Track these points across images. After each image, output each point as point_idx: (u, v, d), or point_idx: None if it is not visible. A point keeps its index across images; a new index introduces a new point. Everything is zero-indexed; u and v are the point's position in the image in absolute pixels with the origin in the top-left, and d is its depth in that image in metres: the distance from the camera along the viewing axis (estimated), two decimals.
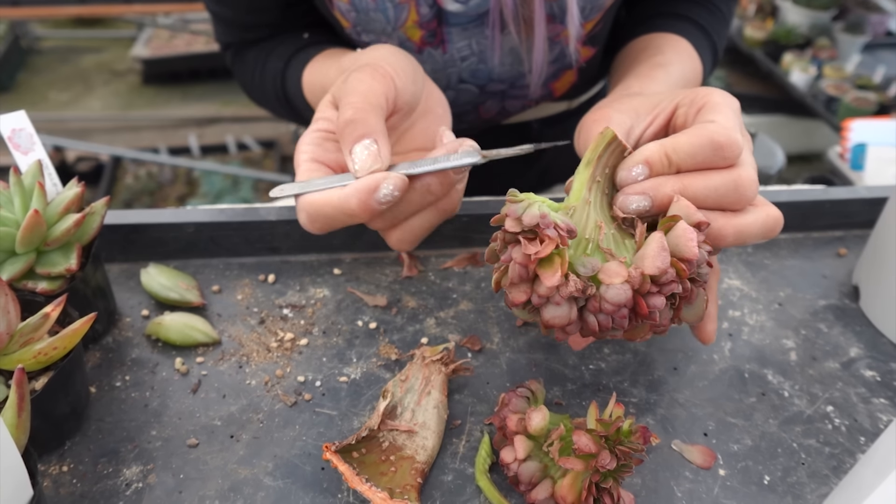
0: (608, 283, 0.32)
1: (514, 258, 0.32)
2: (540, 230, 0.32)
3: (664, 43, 0.56)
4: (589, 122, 0.43)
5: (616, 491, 0.35)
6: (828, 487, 0.39)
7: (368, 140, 0.38)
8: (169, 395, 0.42)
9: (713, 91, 0.42)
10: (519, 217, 0.32)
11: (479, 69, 0.57)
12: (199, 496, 0.37)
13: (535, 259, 0.32)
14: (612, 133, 0.36)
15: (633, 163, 0.38)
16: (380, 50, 0.45)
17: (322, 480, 0.38)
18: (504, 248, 0.34)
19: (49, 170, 0.42)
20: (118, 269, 0.50)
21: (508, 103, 0.62)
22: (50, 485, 0.37)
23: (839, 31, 2.53)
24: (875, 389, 0.44)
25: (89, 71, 3.10)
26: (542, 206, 0.33)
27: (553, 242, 0.32)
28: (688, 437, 0.41)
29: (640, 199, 0.37)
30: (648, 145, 0.38)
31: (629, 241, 0.36)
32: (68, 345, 0.35)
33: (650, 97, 0.45)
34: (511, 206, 0.33)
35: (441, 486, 0.38)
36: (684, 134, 0.38)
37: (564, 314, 0.33)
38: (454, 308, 0.49)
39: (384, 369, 0.44)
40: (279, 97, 0.60)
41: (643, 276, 0.32)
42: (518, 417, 0.37)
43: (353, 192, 0.37)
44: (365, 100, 0.39)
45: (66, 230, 0.39)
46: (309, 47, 0.58)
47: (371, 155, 0.38)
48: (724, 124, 0.38)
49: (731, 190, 0.37)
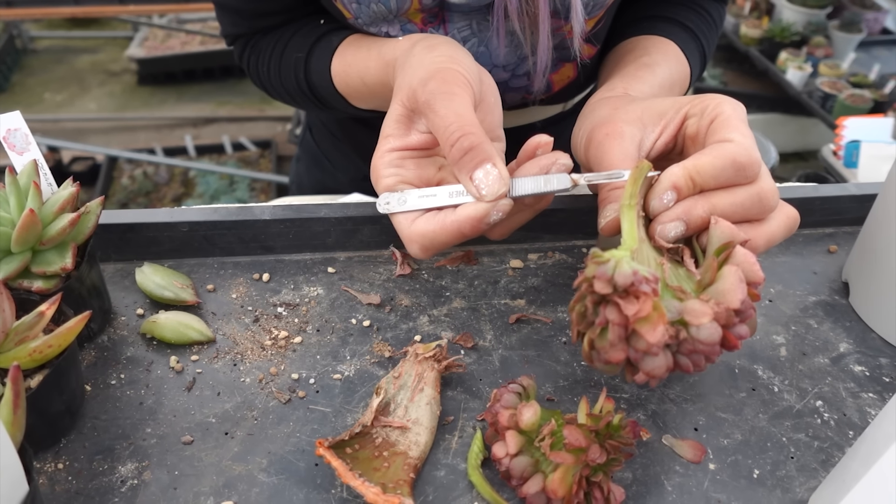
0: (697, 324, 0.32)
1: (610, 320, 0.32)
2: (634, 288, 0.32)
3: (651, 45, 0.57)
4: (601, 136, 0.44)
5: (606, 485, 0.35)
6: (816, 481, 0.39)
7: (489, 165, 0.39)
8: (164, 392, 0.42)
9: (722, 101, 0.42)
10: (610, 277, 0.32)
11: (482, 53, 0.57)
12: (193, 492, 0.37)
13: (636, 319, 0.31)
14: (649, 166, 0.37)
15: (663, 190, 0.38)
16: (437, 46, 0.44)
17: (316, 476, 0.38)
18: (595, 310, 0.33)
19: (44, 170, 0.42)
20: (113, 269, 0.51)
21: (508, 96, 0.62)
22: (46, 482, 0.37)
23: (834, 28, 2.54)
24: (864, 384, 0.45)
25: (84, 71, 3.10)
26: (629, 262, 0.32)
27: (649, 298, 0.31)
28: (678, 432, 0.42)
29: (676, 226, 0.38)
30: (672, 170, 0.39)
31: (681, 270, 0.37)
32: (63, 343, 0.35)
33: (653, 105, 0.45)
34: (598, 267, 0.32)
35: (434, 482, 0.38)
36: (706, 155, 0.39)
37: (663, 363, 0.33)
38: (447, 306, 0.49)
39: (378, 366, 0.45)
40: (301, 87, 0.59)
41: (728, 311, 0.33)
42: (509, 413, 0.37)
43: (466, 220, 0.39)
44: (466, 121, 0.40)
45: (62, 229, 0.39)
46: (330, 34, 0.57)
47: (496, 180, 0.39)
48: (743, 143, 0.39)
49: (755, 203, 0.39)
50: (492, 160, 0.39)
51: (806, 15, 2.59)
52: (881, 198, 0.48)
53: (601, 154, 0.43)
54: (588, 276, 0.33)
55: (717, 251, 0.36)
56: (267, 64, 0.61)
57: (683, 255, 0.37)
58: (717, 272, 0.35)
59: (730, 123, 0.40)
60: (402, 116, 0.43)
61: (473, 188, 0.40)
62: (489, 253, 0.54)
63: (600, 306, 0.33)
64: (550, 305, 0.49)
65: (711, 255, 0.36)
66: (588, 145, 0.45)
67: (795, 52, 2.49)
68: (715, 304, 0.33)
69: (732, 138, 0.39)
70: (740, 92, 2.67)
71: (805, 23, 2.59)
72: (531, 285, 0.51)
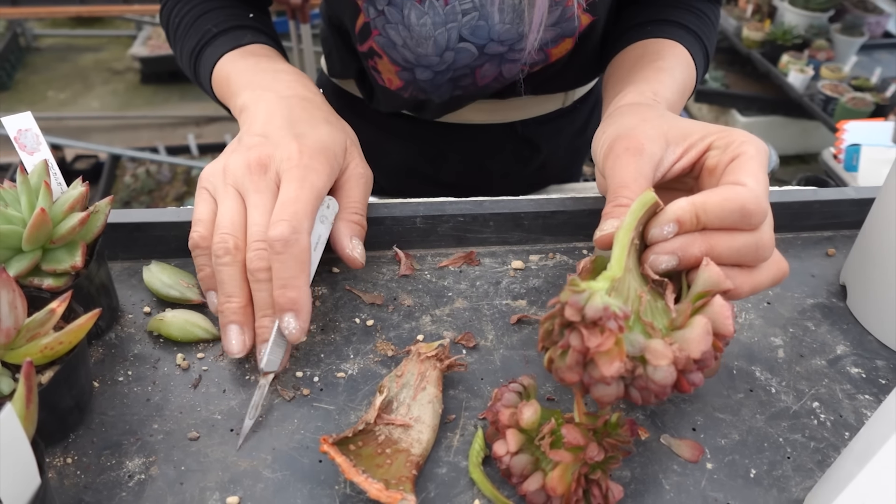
0: (655, 364, 0.33)
1: (572, 345, 0.33)
2: (601, 322, 0.33)
3: (662, 48, 0.57)
4: (620, 149, 0.44)
5: (605, 482, 0.36)
6: (812, 481, 0.40)
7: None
8: (170, 389, 0.43)
9: (748, 140, 0.43)
10: (581, 308, 0.33)
11: (480, 27, 0.57)
12: (199, 487, 0.38)
13: (596, 351, 0.33)
14: (655, 199, 0.38)
15: (665, 221, 0.39)
16: (295, 125, 0.47)
17: (320, 472, 0.39)
18: (561, 332, 0.34)
19: (54, 169, 0.43)
20: (120, 267, 0.51)
21: (506, 68, 0.62)
22: (55, 476, 0.38)
23: (836, 31, 2.54)
24: (860, 386, 0.46)
25: (88, 70, 3.11)
26: (603, 297, 0.33)
27: (613, 335, 0.33)
28: (676, 431, 0.42)
29: (669, 259, 0.38)
30: (679, 203, 0.39)
31: (660, 303, 0.37)
32: (73, 339, 0.36)
33: (680, 124, 0.45)
34: (573, 295, 0.33)
35: (435, 479, 0.39)
36: (716, 195, 0.39)
37: (613, 392, 0.34)
38: (449, 306, 0.50)
39: (381, 365, 0.45)
40: (190, 58, 0.59)
41: (688, 359, 0.34)
42: (510, 412, 0.38)
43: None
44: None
45: (72, 228, 0.40)
46: (244, 31, 0.57)
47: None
48: (755, 190, 0.39)
49: (751, 251, 0.39)
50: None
51: (808, 18, 2.59)
52: (879, 202, 0.49)
53: (617, 168, 0.43)
54: (561, 300, 0.34)
55: (695, 297, 0.37)
56: (181, 16, 0.61)
57: (666, 289, 0.38)
58: (688, 319, 0.35)
59: (748, 166, 0.41)
60: (337, 157, 0.48)
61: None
62: (491, 254, 0.54)
63: (566, 329, 0.34)
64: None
65: (688, 300, 0.37)
66: (608, 154, 0.45)
67: (797, 55, 2.49)
68: (678, 349, 0.34)
69: (746, 182, 0.39)
70: (742, 94, 2.68)
71: (807, 26, 2.60)
72: (532, 286, 0.52)
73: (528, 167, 0.81)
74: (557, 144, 0.81)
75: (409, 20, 0.57)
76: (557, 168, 0.86)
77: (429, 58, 0.60)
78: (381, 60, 0.62)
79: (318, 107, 0.51)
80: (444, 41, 0.58)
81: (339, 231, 0.48)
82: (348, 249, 0.47)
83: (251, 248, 0.42)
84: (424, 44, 0.58)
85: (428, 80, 0.63)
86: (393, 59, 0.61)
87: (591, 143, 0.88)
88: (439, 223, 0.53)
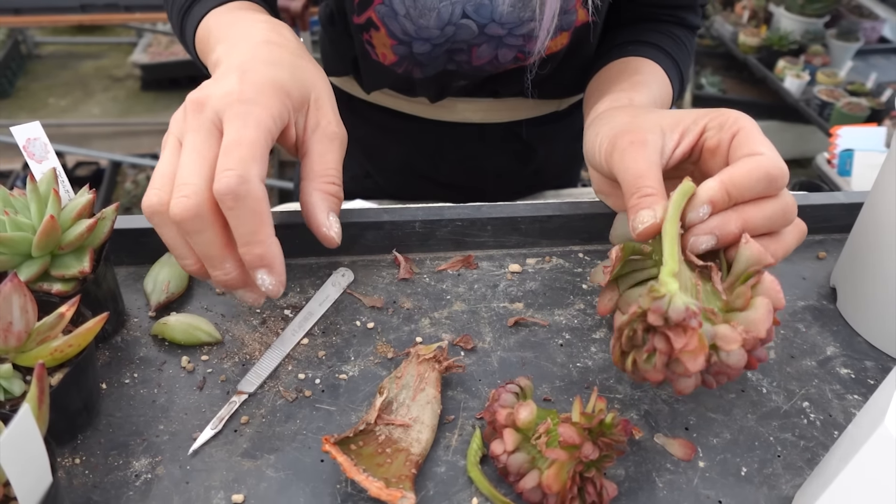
0: (728, 350, 0.35)
1: (658, 348, 0.35)
2: (684, 323, 0.35)
3: (640, 65, 0.60)
4: (625, 144, 0.45)
5: (599, 480, 0.37)
6: (802, 478, 0.41)
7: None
8: (175, 391, 0.44)
9: (739, 116, 0.44)
10: (664, 312, 0.35)
11: (484, 5, 0.58)
12: (204, 486, 0.39)
13: (682, 351, 0.35)
14: (693, 187, 0.39)
15: (700, 203, 0.40)
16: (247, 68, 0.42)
17: (321, 472, 0.40)
18: (644, 336, 0.36)
19: (62, 177, 0.44)
20: (126, 272, 0.52)
21: (502, 52, 0.63)
22: (64, 476, 0.39)
23: (832, 37, 2.56)
24: (849, 386, 0.47)
25: (88, 77, 3.12)
26: (682, 298, 0.35)
27: (695, 332, 0.35)
28: (670, 431, 0.43)
29: (708, 240, 0.40)
30: (709, 184, 0.40)
31: (709, 286, 0.39)
32: (82, 342, 0.37)
33: (670, 114, 0.47)
34: (655, 301, 0.35)
35: (434, 477, 0.40)
36: (740, 168, 0.40)
37: (693, 383, 0.36)
38: (448, 309, 0.51)
39: (381, 367, 0.46)
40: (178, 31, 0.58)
41: (755, 339, 0.36)
42: (507, 412, 0.39)
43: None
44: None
45: (80, 235, 0.41)
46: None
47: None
48: (772, 156, 0.41)
49: (780, 216, 0.41)
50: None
51: (804, 24, 2.61)
52: (867, 206, 0.50)
53: (626, 161, 0.44)
54: (642, 307, 0.36)
55: (745, 276, 0.38)
56: None
57: (712, 272, 0.39)
58: (749, 300, 0.37)
59: (754, 137, 0.42)
60: (303, 99, 0.43)
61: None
62: (489, 258, 0.55)
63: (649, 334, 0.36)
64: (548, 309, 0.51)
65: (740, 280, 0.39)
66: (612, 151, 0.46)
67: (793, 61, 2.51)
68: (744, 330, 0.36)
69: (762, 151, 0.41)
70: (739, 99, 2.69)
71: (803, 31, 2.62)
72: (529, 289, 0.53)
73: (524, 168, 0.83)
74: (554, 147, 0.82)
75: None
76: (554, 171, 0.87)
77: (429, 30, 0.60)
78: (378, 33, 0.63)
79: (289, 50, 0.46)
80: (447, 14, 0.59)
81: (312, 204, 0.42)
82: (325, 228, 0.43)
83: (173, 196, 0.37)
84: (427, 15, 0.59)
85: (424, 53, 0.63)
86: (391, 30, 0.62)
87: None
88: (438, 227, 0.54)
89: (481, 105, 0.74)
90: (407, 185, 0.83)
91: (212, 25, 0.52)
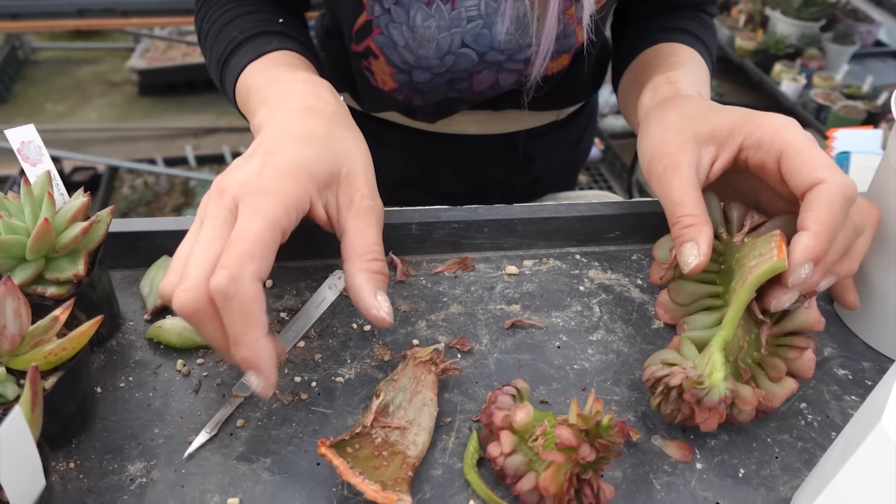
0: (741, 408, 0.40)
1: (682, 412, 0.40)
2: (714, 408, 0.39)
3: (674, 49, 0.60)
4: (660, 170, 0.45)
5: (596, 482, 0.37)
6: (799, 480, 0.41)
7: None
8: (171, 394, 0.44)
9: (779, 129, 0.43)
10: (699, 399, 0.39)
11: (483, 34, 0.58)
12: (199, 490, 0.39)
13: (701, 422, 0.40)
14: (785, 266, 0.40)
15: (799, 264, 0.40)
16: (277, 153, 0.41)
17: (317, 475, 0.40)
18: (678, 399, 0.40)
19: (57, 181, 0.44)
20: (121, 276, 0.52)
21: (503, 77, 0.63)
22: (58, 480, 0.39)
23: (828, 41, 2.57)
24: (847, 387, 0.47)
25: (86, 82, 3.12)
26: (719, 391, 0.39)
27: (717, 413, 0.40)
28: (667, 433, 0.43)
29: (792, 297, 0.41)
30: (804, 242, 0.40)
31: (754, 333, 0.43)
32: (77, 346, 0.37)
33: (705, 122, 0.46)
34: (694, 388, 0.39)
35: (431, 480, 0.40)
36: (819, 210, 0.40)
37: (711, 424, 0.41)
38: (444, 311, 0.51)
39: (377, 370, 0.46)
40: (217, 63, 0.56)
41: (768, 407, 0.41)
42: (504, 414, 0.39)
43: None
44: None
45: (74, 238, 0.41)
46: (272, 37, 0.54)
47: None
48: (834, 175, 0.40)
49: (852, 237, 0.42)
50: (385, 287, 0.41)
51: (800, 27, 2.62)
52: None
53: (663, 189, 0.45)
54: (685, 388, 0.39)
55: (791, 345, 0.43)
56: (211, 22, 0.58)
57: (763, 326, 0.43)
58: (782, 377, 0.42)
59: (806, 157, 0.41)
60: (332, 176, 0.42)
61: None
62: (485, 260, 0.55)
63: (679, 399, 0.40)
64: (545, 311, 0.51)
65: (785, 345, 0.43)
66: (650, 177, 0.47)
67: (790, 64, 2.52)
68: (763, 396, 0.41)
69: (824, 177, 0.40)
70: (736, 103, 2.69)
71: (799, 35, 2.63)
72: (526, 291, 0.53)
73: (522, 178, 0.82)
74: (552, 157, 0.82)
75: (414, 21, 0.57)
76: (552, 179, 0.87)
77: (429, 60, 0.60)
78: (377, 61, 0.63)
79: (325, 117, 0.45)
80: (446, 45, 0.59)
81: (358, 286, 0.40)
82: (374, 310, 0.40)
83: (178, 286, 0.37)
84: (427, 46, 0.59)
85: (425, 82, 0.63)
86: (391, 59, 0.62)
87: (585, 155, 0.90)
88: (434, 230, 0.54)
89: (479, 117, 0.74)
90: (404, 196, 0.82)
91: (251, 84, 0.51)
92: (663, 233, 0.48)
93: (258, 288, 0.36)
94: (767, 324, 0.43)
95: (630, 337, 0.49)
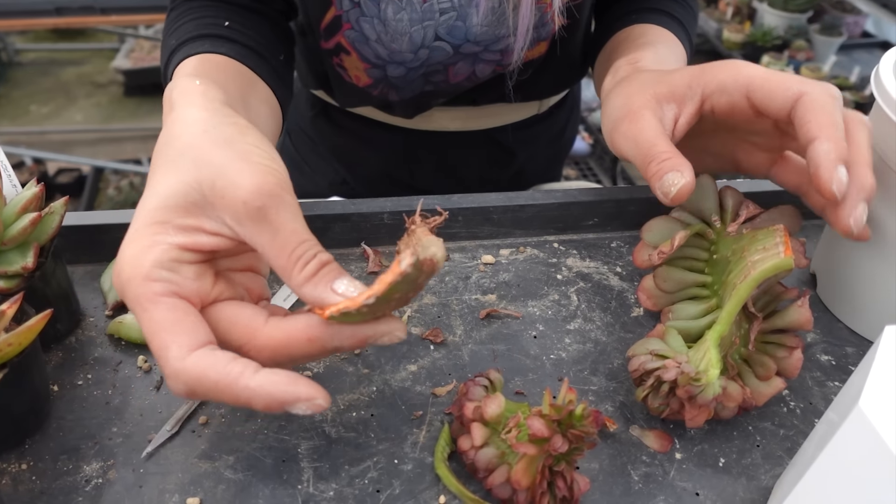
0: (726, 405, 0.40)
1: (671, 406, 0.39)
2: (704, 406, 0.38)
3: (645, 30, 0.58)
4: (623, 127, 0.44)
5: (570, 474, 0.35)
6: (781, 468, 0.40)
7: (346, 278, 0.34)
8: (131, 392, 0.42)
9: (740, 65, 0.42)
10: (693, 396, 0.38)
11: (457, 27, 0.57)
12: (158, 490, 0.37)
13: (688, 416, 0.39)
14: (792, 264, 0.40)
15: (831, 171, 0.37)
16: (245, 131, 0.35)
17: (282, 472, 0.38)
18: (668, 393, 0.39)
19: (8, 171, 0.42)
20: (83, 271, 0.50)
21: (479, 68, 0.62)
22: (9, 482, 0.37)
23: (815, 32, 2.57)
24: (830, 373, 0.45)
25: (70, 83, 3.09)
26: (714, 389, 0.38)
27: (706, 410, 0.39)
28: (646, 423, 0.42)
29: (864, 209, 0.39)
30: (823, 148, 0.38)
31: (745, 327, 0.42)
32: (23, 341, 0.35)
33: (662, 81, 0.45)
34: (691, 384, 0.38)
35: (401, 475, 0.38)
36: (816, 113, 0.38)
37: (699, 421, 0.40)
38: (418, 302, 0.49)
39: (347, 363, 0.45)
40: (164, 57, 0.51)
41: (752, 405, 0.41)
42: (474, 405, 0.37)
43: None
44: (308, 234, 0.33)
45: (23, 229, 0.39)
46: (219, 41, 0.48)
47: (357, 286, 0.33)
48: (809, 85, 0.39)
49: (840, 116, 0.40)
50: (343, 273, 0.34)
51: (787, 19, 2.62)
52: None
53: (630, 137, 0.43)
54: (680, 384, 0.38)
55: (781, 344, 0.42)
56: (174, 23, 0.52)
57: (754, 322, 0.42)
58: (770, 376, 0.41)
59: (774, 79, 0.40)
60: (192, 204, 0.33)
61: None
62: (461, 249, 0.54)
63: (670, 394, 0.39)
64: (521, 300, 0.50)
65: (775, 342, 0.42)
66: (615, 137, 0.45)
67: (777, 56, 2.51)
68: (749, 394, 0.40)
69: (803, 90, 0.39)
70: None
71: (786, 27, 2.62)
72: (502, 280, 0.51)
73: (504, 173, 0.81)
74: (534, 150, 0.81)
75: (385, 14, 0.56)
76: (535, 173, 0.85)
77: (402, 54, 0.59)
78: (349, 57, 0.61)
79: (181, 141, 0.35)
80: (419, 38, 0.57)
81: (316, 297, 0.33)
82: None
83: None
84: (399, 40, 0.57)
85: (400, 77, 0.62)
86: (363, 55, 0.60)
87: (568, 146, 0.88)
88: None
89: (459, 114, 0.73)
90: (385, 193, 0.81)
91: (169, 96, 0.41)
92: (643, 220, 0.47)
93: (205, 355, 0.31)
94: (759, 319, 0.42)
95: (608, 325, 0.48)
